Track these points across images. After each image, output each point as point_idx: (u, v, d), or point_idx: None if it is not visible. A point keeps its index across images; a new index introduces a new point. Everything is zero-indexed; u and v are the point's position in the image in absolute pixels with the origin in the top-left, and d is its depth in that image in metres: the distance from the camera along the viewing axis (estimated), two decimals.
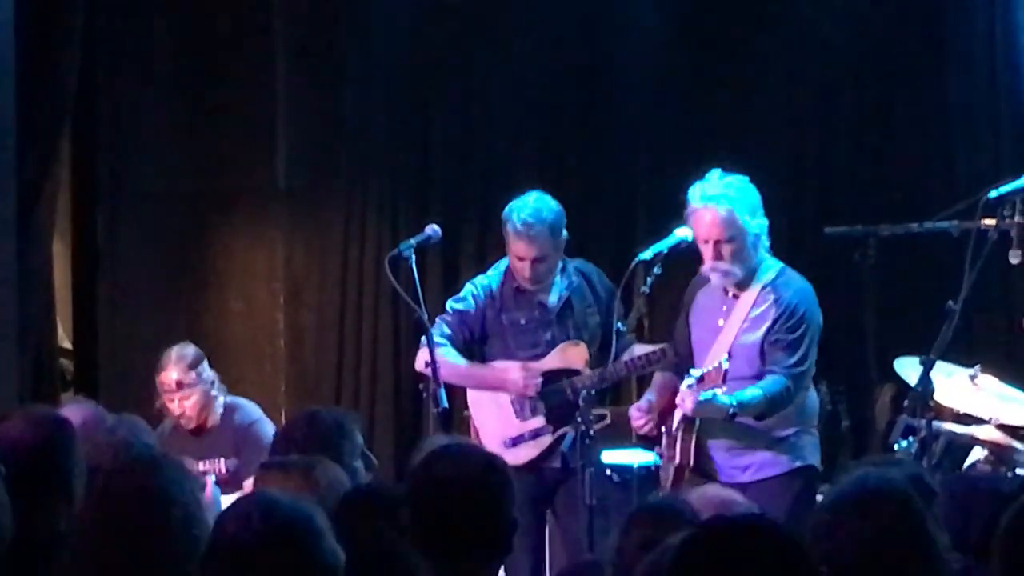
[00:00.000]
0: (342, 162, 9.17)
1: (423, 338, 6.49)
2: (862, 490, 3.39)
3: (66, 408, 5.42)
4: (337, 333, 9.09)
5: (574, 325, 6.63)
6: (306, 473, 4.20)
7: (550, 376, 6.60)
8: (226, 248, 9.25)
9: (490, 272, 6.82)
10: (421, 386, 6.51)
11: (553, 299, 6.65)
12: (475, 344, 6.75)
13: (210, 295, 9.21)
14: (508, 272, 6.72)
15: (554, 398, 6.57)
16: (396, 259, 6.54)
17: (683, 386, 5.99)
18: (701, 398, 5.89)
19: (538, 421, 6.59)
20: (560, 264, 6.67)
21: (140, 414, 6.92)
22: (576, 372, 6.57)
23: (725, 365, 5.97)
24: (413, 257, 6.46)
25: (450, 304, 6.79)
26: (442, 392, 6.31)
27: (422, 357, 6.54)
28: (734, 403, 5.91)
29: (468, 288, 6.78)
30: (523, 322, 6.66)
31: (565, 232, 6.63)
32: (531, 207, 6.56)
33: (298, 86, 9.19)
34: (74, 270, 9.13)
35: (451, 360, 6.56)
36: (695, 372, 5.97)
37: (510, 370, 6.62)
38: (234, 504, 3.31)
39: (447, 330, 6.67)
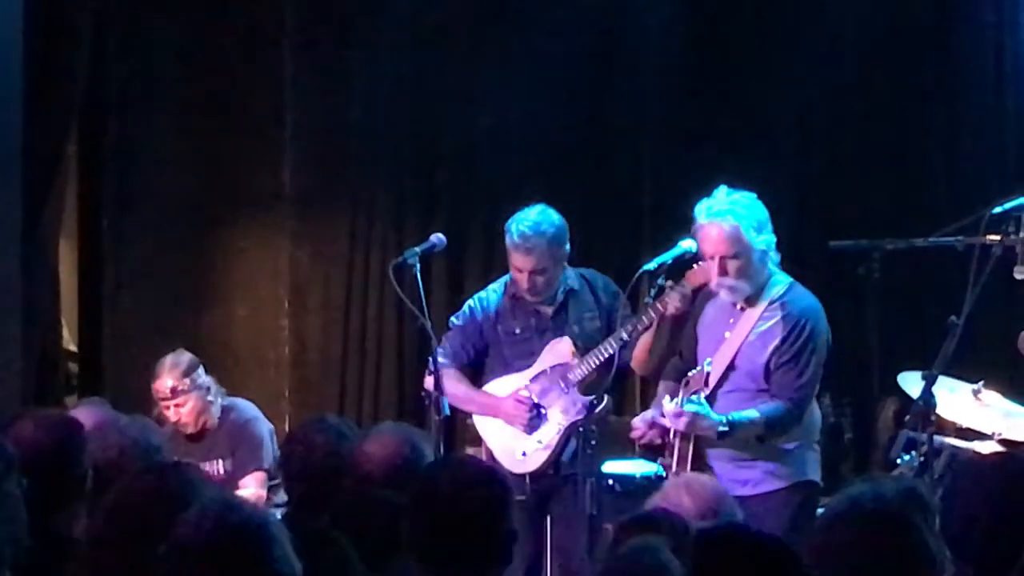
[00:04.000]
0: (348, 169, 9.18)
1: (430, 360, 6.50)
2: (855, 508, 3.39)
3: (78, 409, 5.43)
4: (341, 340, 9.10)
5: (569, 332, 6.62)
6: None
7: (543, 378, 6.61)
8: (231, 254, 9.26)
9: (492, 286, 6.85)
10: (424, 393, 6.51)
11: (549, 308, 6.66)
12: (480, 358, 6.77)
13: (215, 300, 9.22)
14: (508, 283, 6.74)
15: (551, 399, 6.58)
16: (401, 267, 6.55)
17: (666, 403, 6.01)
18: (688, 408, 5.89)
19: (542, 429, 6.60)
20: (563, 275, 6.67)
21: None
22: (568, 366, 6.57)
23: (707, 368, 5.99)
24: (418, 265, 6.48)
25: (451, 321, 6.83)
26: (444, 400, 6.34)
27: (429, 380, 6.56)
28: (724, 422, 5.91)
29: (468, 303, 6.82)
30: (518, 331, 6.68)
31: (568, 246, 6.64)
32: (531, 220, 6.58)
33: (305, 93, 9.20)
34: (80, 273, 9.15)
35: (451, 384, 6.57)
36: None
37: (503, 402, 6.64)
38: (194, 507, 3.32)
39: (450, 349, 6.71)
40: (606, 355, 6.43)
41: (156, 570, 3.15)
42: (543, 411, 6.60)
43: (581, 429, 6.28)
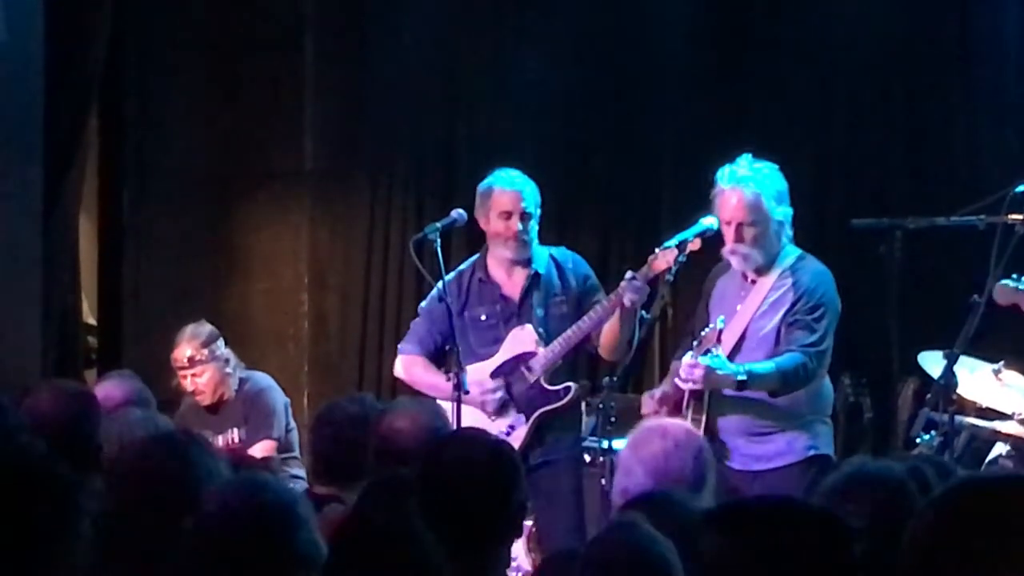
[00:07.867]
0: (368, 145, 9.18)
1: (399, 345, 6.67)
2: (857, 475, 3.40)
3: (107, 382, 5.43)
4: (361, 315, 9.11)
5: (534, 319, 6.52)
6: None
7: (507, 367, 6.53)
8: (251, 229, 9.26)
9: (462, 267, 6.74)
10: (444, 371, 6.49)
11: (515, 292, 6.57)
12: (446, 344, 6.54)
13: (235, 276, 9.23)
14: (475, 265, 6.66)
15: (518, 388, 6.52)
16: (421, 242, 6.54)
17: (683, 361, 5.99)
18: (703, 361, 5.88)
19: (511, 416, 6.54)
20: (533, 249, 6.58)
21: (162, 392, 7.01)
22: (531, 355, 6.49)
23: (720, 325, 6.00)
24: (438, 240, 6.44)
25: (420, 307, 6.77)
26: (464, 377, 6.30)
27: (398, 364, 6.66)
28: (742, 371, 5.91)
29: (436, 286, 6.54)
30: (483, 318, 6.58)
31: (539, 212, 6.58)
32: (514, 170, 6.57)
33: (325, 69, 9.20)
34: (100, 248, 9.17)
35: (419, 372, 6.60)
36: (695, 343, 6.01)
37: (471, 389, 6.44)
38: (222, 483, 3.31)
39: (415, 336, 6.66)
40: (570, 342, 6.40)
41: (174, 543, 3.14)
42: (509, 401, 6.52)
43: (600, 406, 6.25)
